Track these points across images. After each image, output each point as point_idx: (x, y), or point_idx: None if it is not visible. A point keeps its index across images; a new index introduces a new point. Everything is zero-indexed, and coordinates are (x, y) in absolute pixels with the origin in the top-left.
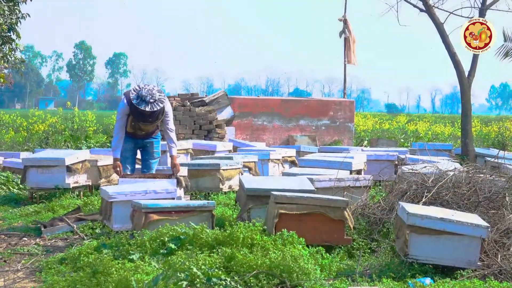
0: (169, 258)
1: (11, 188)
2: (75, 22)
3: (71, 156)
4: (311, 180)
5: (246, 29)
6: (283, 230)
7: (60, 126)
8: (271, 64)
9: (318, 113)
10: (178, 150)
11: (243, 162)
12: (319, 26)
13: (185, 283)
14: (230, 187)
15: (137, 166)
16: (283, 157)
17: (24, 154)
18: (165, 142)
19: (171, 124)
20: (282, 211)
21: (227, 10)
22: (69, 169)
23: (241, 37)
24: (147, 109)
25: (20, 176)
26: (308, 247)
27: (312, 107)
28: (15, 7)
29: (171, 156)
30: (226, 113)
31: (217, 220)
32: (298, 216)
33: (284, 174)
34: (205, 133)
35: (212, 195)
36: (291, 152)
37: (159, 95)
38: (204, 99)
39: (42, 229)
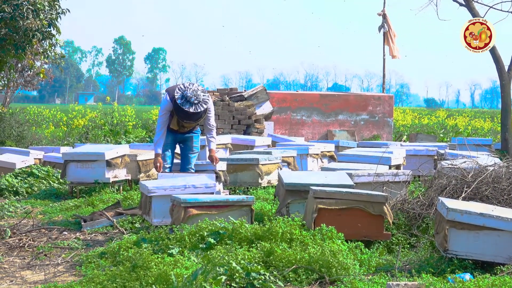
0: (208, 252)
1: (51, 183)
2: (115, 17)
3: (111, 151)
4: (350, 175)
5: (285, 24)
6: (322, 225)
7: (99, 121)
8: (310, 58)
9: (357, 107)
10: (217, 145)
11: (282, 157)
12: (358, 21)
13: (224, 277)
14: (269, 181)
15: (176, 160)
16: (322, 152)
17: (64, 149)
18: (204, 137)
19: (212, 121)
20: (321, 206)
21: (266, 4)
22: (109, 164)
23: (280, 31)
24: (191, 110)
25: (60, 171)
26: (347, 242)
27: (351, 102)
28: (55, 2)
29: (210, 150)
30: (265, 108)
31: (256, 215)
32: (337, 211)
33: (323, 169)
34: (244, 128)
35: (251, 190)
36: (330, 147)
37: (203, 96)
38: (243, 94)
39: (82, 223)
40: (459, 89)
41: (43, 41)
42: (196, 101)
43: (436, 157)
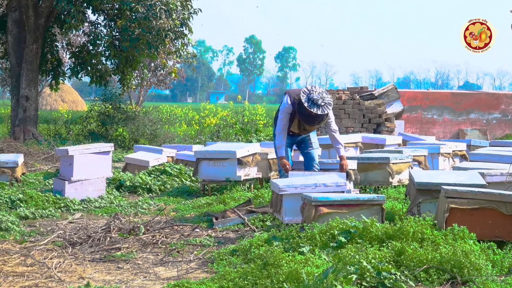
0: (339, 251)
1: (183, 180)
2: (245, 17)
3: (242, 149)
4: (482, 175)
5: (414, 22)
6: (453, 224)
7: (231, 120)
8: (441, 57)
9: (489, 106)
10: (347, 143)
11: (413, 155)
12: (489, 18)
13: (355, 276)
14: (399, 180)
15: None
16: (453, 151)
17: (196, 147)
18: (326, 136)
19: (334, 125)
20: (453, 206)
21: (396, 2)
22: (240, 162)
23: (410, 29)
24: (319, 112)
25: (192, 169)
26: (479, 242)
27: (483, 101)
28: (187, 2)
29: (340, 157)
30: (395, 107)
31: (386, 214)
32: (469, 211)
33: (454, 168)
34: (374, 126)
35: (381, 189)
36: (461, 146)
37: (328, 98)
38: (373, 92)
39: (214, 220)
40: None
41: (175, 41)
42: (322, 103)
43: None
